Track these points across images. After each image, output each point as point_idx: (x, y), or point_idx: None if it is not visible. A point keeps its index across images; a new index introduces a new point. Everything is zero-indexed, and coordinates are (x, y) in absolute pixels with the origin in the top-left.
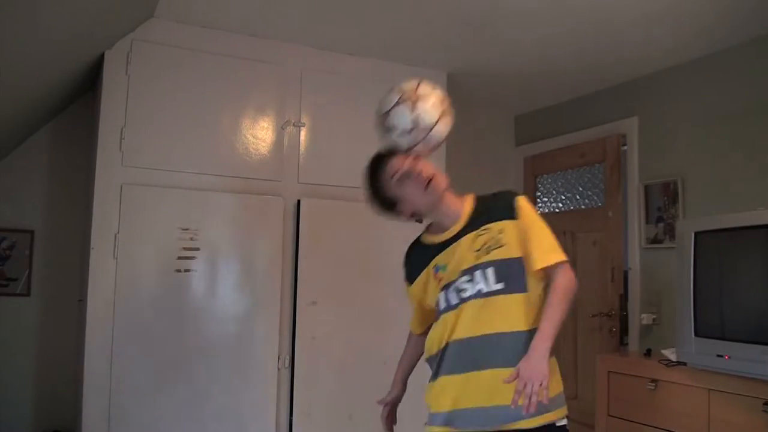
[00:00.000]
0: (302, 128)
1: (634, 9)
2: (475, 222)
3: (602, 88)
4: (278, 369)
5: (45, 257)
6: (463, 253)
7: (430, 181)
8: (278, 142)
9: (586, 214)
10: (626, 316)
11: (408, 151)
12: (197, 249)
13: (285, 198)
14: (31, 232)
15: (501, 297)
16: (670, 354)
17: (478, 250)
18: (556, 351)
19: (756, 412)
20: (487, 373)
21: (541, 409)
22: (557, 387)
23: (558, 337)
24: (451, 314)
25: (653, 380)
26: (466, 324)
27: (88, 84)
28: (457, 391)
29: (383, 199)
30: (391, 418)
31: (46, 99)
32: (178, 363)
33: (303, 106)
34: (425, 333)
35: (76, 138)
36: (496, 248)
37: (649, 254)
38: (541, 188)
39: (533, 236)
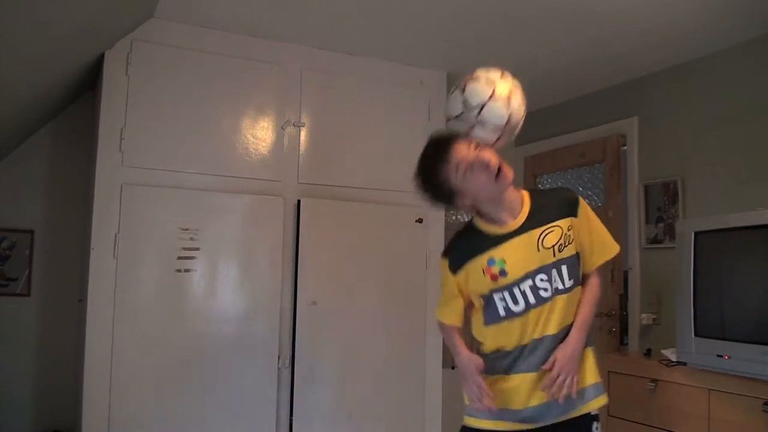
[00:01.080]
0: (302, 128)
1: (634, 9)
2: (536, 218)
3: (602, 88)
4: (278, 369)
5: (45, 257)
6: (530, 250)
7: (499, 171)
8: (278, 142)
9: None
10: (626, 316)
11: (468, 136)
12: (197, 249)
13: (285, 198)
14: (31, 232)
15: (574, 292)
16: (670, 354)
17: (550, 248)
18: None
19: (756, 412)
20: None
21: (590, 395)
22: (598, 376)
23: None
24: (533, 313)
25: (653, 380)
26: (555, 321)
27: (88, 84)
28: (531, 388)
29: (443, 190)
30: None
31: (46, 99)
32: (178, 363)
33: (303, 106)
34: (461, 325)
35: (76, 138)
36: (567, 246)
37: (649, 254)
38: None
39: (595, 232)
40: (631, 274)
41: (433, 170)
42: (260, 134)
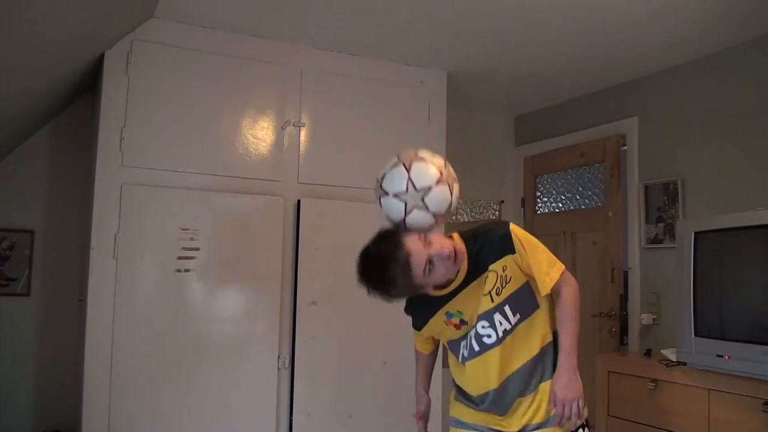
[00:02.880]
0: (302, 128)
1: (634, 9)
2: (474, 268)
3: (602, 88)
4: (278, 369)
5: (45, 257)
6: (475, 298)
7: (455, 254)
8: (278, 142)
9: (586, 214)
10: (626, 316)
11: (406, 222)
12: (197, 249)
13: (285, 198)
14: (31, 232)
15: (521, 326)
16: (670, 354)
17: (489, 293)
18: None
19: (756, 412)
20: (520, 401)
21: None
22: None
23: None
24: (482, 359)
25: (653, 380)
26: (506, 363)
27: (88, 84)
28: (511, 414)
29: (404, 291)
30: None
31: (46, 99)
32: (178, 363)
33: (303, 106)
34: (434, 353)
35: (76, 138)
36: (505, 286)
37: (649, 254)
38: (541, 188)
39: (533, 261)
40: (631, 274)
41: (392, 277)
42: (260, 134)
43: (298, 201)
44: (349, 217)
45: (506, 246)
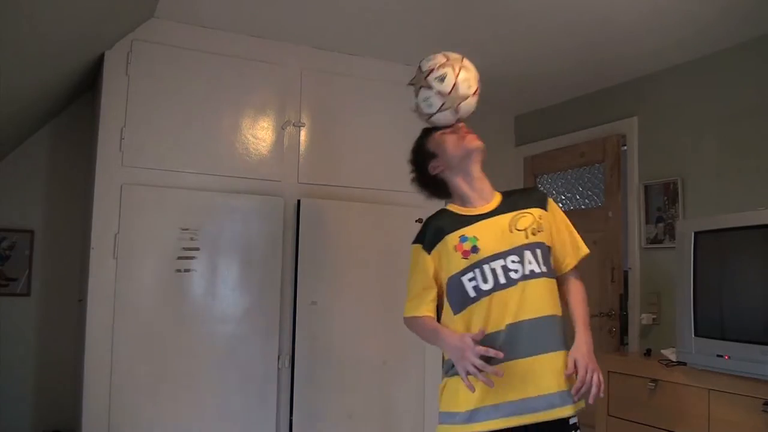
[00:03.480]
0: (302, 128)
1: (634, 9)
2: (508, 204)
3: (602, 88)
4: (278, 369)
5: (45, 257)
6: (502, 231)
7: (468, 134)
8: (278, 142)
9: (586, 214)
10: (626, 316)
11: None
12: (197, 249)
13: (285, 198)
14: (31, 232)
15: (549, 280)
16: (670, 354)
17: (523, 230)
18: None
19: (756, 412)
20: (538, 359)
21: (570, 399)
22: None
23: None
24: (503, 294)
25: (653, 380)
26: (528, 305)
27: (88, 84)
28: (517, 378)
29: (421, 156)
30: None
31: (46, 99)
32: (178, 363)
33: (303, 106)
34: (433, 317)
35: (76, 138)
36: (540, 232)
37: (649, 254)
38: (541, 188)
39: (565, 234)
40: (631, 274)
41: (417, 142)
42: (260, 134)
43: (298, 201)
44: (349, 217)
45: (541, 201)
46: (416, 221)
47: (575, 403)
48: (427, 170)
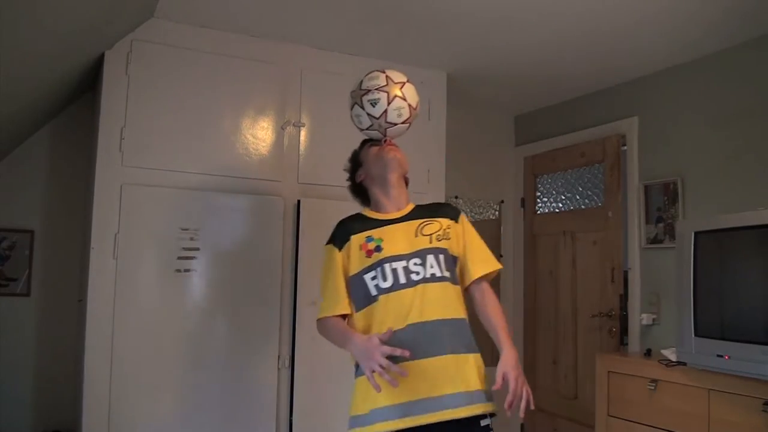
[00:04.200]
0: (302, 128)
1: (634, 9)
2: (419, 213)
3: (602, 88)
4: (278, 369)
5: (45, 257)
6: (408, 235)
7: (388, 146)
8: (278, 142)
9: (586, 214)
10: (626, 316)
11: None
12: (197, 249)
13: (285, 198)
14: (31, 232)
15: (451, 285)
16: (670, 354)
17: (429, 236)
18: (554, 351)
19: (756, 412)
20: (439, 360)
21: (483, 398)
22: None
23: (557, 337)
24: (403, 293)
25: (653, 380)
26: (429, 306)
27: (88, 84)
28: (415, 379)
29: (353, 163)
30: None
31: (46, 99)
32: (178, 363)
33: (303, 106)
34: (344, 315)
35: (76, 138)
36: (445, 239)
37: (649, 254)
38: (541, 188)
39: (473, 246)
40: (631, 274)
41: (353, 152)
42: (260, 134)
43: (298, 201)
44: None
45: (453, 214)
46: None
47: (482, 403)
48: (355, 178)
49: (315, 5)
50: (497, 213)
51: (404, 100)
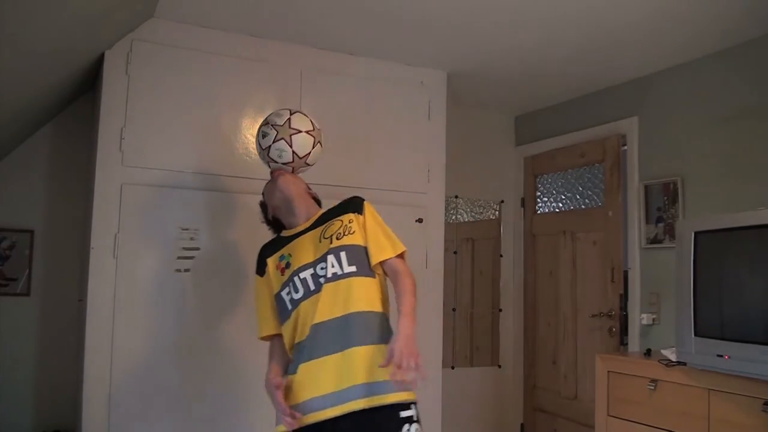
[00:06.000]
0: None
1: (634, 9)
2: (323, 218)
3: (602, 88)
4: None
5: (45, 257)
6: (313, 243)
7: (278, 172)
8: None
9: (586, 214)
10: (626, 316)
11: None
12: (197, 249)
13: None
14: (31, 232)
15: (355, 279)
16: (670, 354)
17: (329, 238)
18: (554, 351)
19: (756, 412)
20: (349, 353)
21: (387, 389)
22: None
23: (557, 337)
24: (309, 300)
25: (653, 380)
26: (326, 306)
27: (88, 84)
28: (323, 374)
29: (263, 208)
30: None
31: (46, 99)
32: (178, 363)
33: (303, 106)
34: (280, 335)
35: (76, 138)
36: (347, 235)
37: (649, 254)
38: (541, 188)
39: (370, 234)
40: (631, 274)
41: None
42: None
43: None
44: None
45: (356, 206)
46: (416, 221)
47: (384, 395)
48: (268, 217)
49: (315, 5)
50: (497, 213)
51: (289, 146)
